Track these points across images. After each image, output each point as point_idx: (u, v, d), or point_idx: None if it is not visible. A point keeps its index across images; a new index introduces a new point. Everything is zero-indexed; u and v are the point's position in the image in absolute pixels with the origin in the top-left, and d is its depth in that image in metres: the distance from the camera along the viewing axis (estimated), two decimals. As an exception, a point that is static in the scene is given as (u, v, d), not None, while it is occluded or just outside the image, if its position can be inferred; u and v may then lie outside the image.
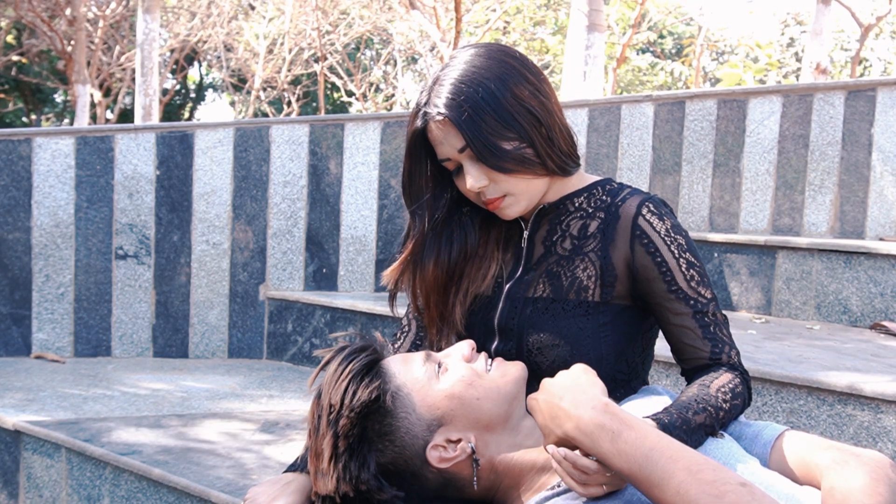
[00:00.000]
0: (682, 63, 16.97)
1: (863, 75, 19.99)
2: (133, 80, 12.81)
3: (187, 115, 22.36)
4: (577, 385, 1.16)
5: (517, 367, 1.30)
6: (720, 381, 1.33)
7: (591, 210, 1.42)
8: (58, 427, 2.45)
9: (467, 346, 1.31)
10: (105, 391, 2.88)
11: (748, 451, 1.29)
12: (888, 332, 2.99)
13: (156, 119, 9.26)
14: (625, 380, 1.43)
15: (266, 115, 18.10)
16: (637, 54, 19.53)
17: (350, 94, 17.51)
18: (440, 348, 1.46)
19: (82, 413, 2.61)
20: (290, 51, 15.76)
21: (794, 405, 2.25)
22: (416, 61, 19.94)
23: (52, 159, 3.32)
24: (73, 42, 13.32)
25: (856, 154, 3.84)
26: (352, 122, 3.64)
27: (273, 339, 3.50)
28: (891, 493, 1.14)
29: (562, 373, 1.22)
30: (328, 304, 3.35)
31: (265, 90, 17.59)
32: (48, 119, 21.36)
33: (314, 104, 19.27)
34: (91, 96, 14.49)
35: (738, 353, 1.39)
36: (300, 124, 3.59)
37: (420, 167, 1.43)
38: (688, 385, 1.37)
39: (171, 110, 21.06)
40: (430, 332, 1.49)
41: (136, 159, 3.40)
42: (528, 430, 1.29)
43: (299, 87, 17.97)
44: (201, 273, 3.48)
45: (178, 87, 20.82)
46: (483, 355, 1.32)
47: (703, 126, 3.92)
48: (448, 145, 1.36)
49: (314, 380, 1.29)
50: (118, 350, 3.43)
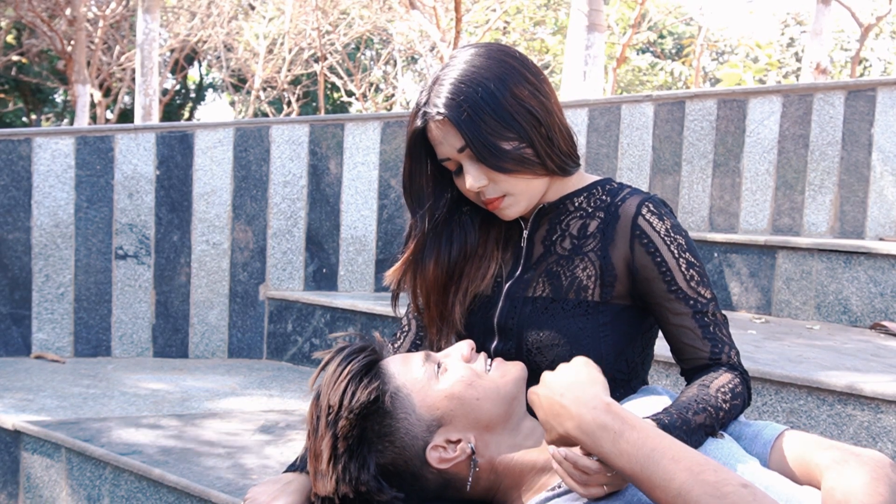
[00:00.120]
0: (682, 63, 16.97)
1: (863, 75, 19.98)
2: (133, 80, 12.81)
3: (187, 115, 22.36)
4: (579, 383, 1.15)
5: (517, 367, 1.30)
6: (720, 382, 1.33)
7: (590, 210, 1.42)
8: (58, 427, 2.45)
9: (467, 346, 1.31)
10: (105, 391, 2.88)
11: (748, 451, 1.29)
12: (888, 332, 2.99)
13: (156, 119, 9.26)
14: (624, 379, 1.43)
15: (266, 115, 18.10)
16: (637, 54, 19.52)
17: (350, 94, 17.51)
18: (440, 348, 1.46)
19: (82, 413, 2.61)
20: (290, 51, 15.76)
21: (794, 405, 2.25)
22: (416, 61, 19.95)
23: (52, 159, 3.32)
24: (73, 42, 13.32)
25: (856, 154, 3.84)
26: (352, 122, 3.64)
27: (273, 339, 3.50)
28: (891, 493, 1.14)
29: (562, 366, 1.21)
30: (328, 304, 3.35)
31: (265, 90, 17.59)
32: (48, 119, 21.36)
33: (314, 104, 19.27)
34: (91, 96, 14.49)
35: (737, 353, 1.39)
36: (300, 124, 3.59)
37: (420, 167, 1.43)
38: (687, 385, 1.37)
39: (171, 110, 21.06)
40: (429, 331, 1.49)
41: (136, 159, 3.40)
42: (528, 430, 1.28)
43: (299, 87, 17.97)
44: (201, 273, 3.48)
45: (178, 87, 20.82)
46: (482, 355, 1.31)
47: (703, 126, 3.92)
48: (447, 145, 1.36)
49: (314, 380, 1.29)
50: (118, 350, 3.43)
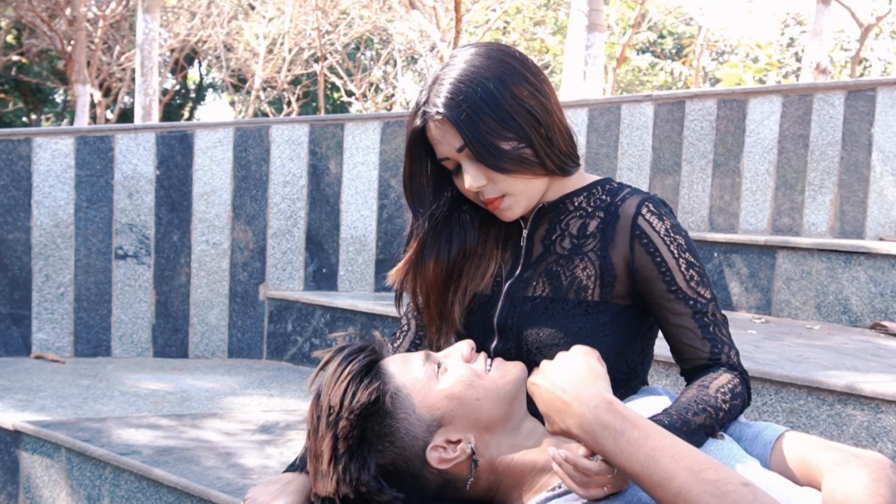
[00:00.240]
0: (682, 63, 16.97)
1: (863, 75, 19.98)
2: (133, 80, 12.81)
3: (187, 115, 22.36)
4: (580, 379, 1.15)
5: (517, 368, 1.29)
6: (719, 382, 1.33)
7: (590, 209, 1.42)
8: (58, 427, 2.45)
9: (466, 346, 1.31)
10: (105, 391, 2.88)
11: (748, 453, 1.29)
12: (888, 332, 2.99)
13: (156, 119, 9.26)
14: (624, 379, 1.43)
15: (266, 115, 18.10)
16: (637, 54, 19.52)
17: (350, 94, 17.51)
18: (440, 347, 1.46)
19: (82, 413, 2.61)
20: (290, 51, 15.76)
21: (793, 405, 2.25)
22: (415, 61, 19.94)
23: (52, 159, 3.32)
24: (73, 42, 13.32)
25: (856, 154, 3.84)
26: (352, 122, 3.64)
27: (273, 339, 3.50)
28: (891, 494, 1.14)
29: (562, 356, 1.20)
30: (328, 304, 3.35)
31: (265, 90, 17.59)
32: (48, 119, 21.36)
33: (314, 104, 19.27)
34: (91, 96, 14.49)
35: (737, 353, 1.39)
36: (300, 124, 3.59)
37: (420, 166, 1.43)
38: (687, 386, 1.37)
39: (171, 110, 21.06)
40: (429, 331, 1.49)
41: (135, 159, 3.40)
42: (528, 430, 1.28)
43: (299, 87, 17.97)
44: (201, 273, 3.48)
45: (178, 87, 20.82)
46: (482, 355, 1.31)
47: (703, 126, 3.92)
48: (447, 145, 1.36)
49: (313, 381, 1.29)
50: (118, 350, 3.43)
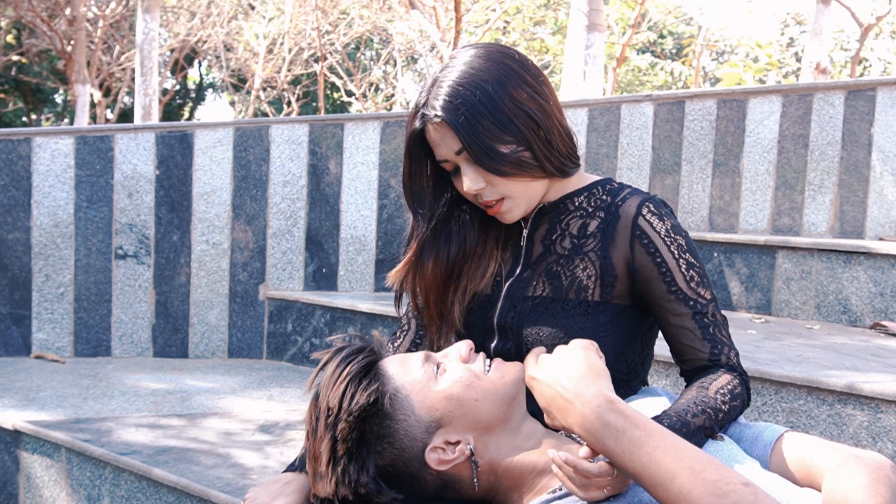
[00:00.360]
0: (682, 63, 16.96)
1: (862, 75, 19.98)
2: (133, 80, 12.80)
3: (187, 115, 22.35)
4: (581, 376, 1.14)
5: (516, 368, 1.28)
6: (719, 383, 1.33)
7: (590, 209, 1.42)
8: (58, 427, 2.45)
9: (465, 346, 1.30)
10: (105, 391, 2.88)
11: (748, 454, 1.29)
12: (888, 332, 2.99)
13: (155, 119, 9.25)
14: (624, 380, 1.43)
15: (266, 114, 18.10)
16: (637, 54, 19.51)
17: (350, 93, 17.51)
18: (440, 347, 1.46)
19: (82, 413, 2.61)
20: (290, 51, 15.76)
21: (793, 405, 2.25)
22: (415, 61, 19.94)
23: (52, 159, 3.32)
24: (72, 42, 13.32)
25: (856, 154, 3.84)
26: (351, 122, 3.64)
27: (273, 339, 3.50)
28: (892, 495, 1.13)
29: (561, 350, 1.19)
30: (328, 304, 3.35)
31: (265, 90, 17.59)
32: (48, 119, 21.36)
33: (314, 104, 19.27)
34: (91, 96, 14.49)
35: (737, 354, 1.39)
36: (300, 124, 3.59)
37: (420, 167, 1.43)
38: (687, 387, 1.37)
39: (171, 110, 21.06)
40: (429, 331, 1.49)
41: (135, 159, 3.40)
42: (528, 432, 1.28)
43: (299, 86, 17.97)
44: (201, 273, 3.48)
45: (177, 87, 20.82)
46: (481, 356, 1.31)
47: (703, 126, 3.92)
48: (445, 147, 1.36)
49: (313, 381, 1.29)
50: (118, 350, 3.43)
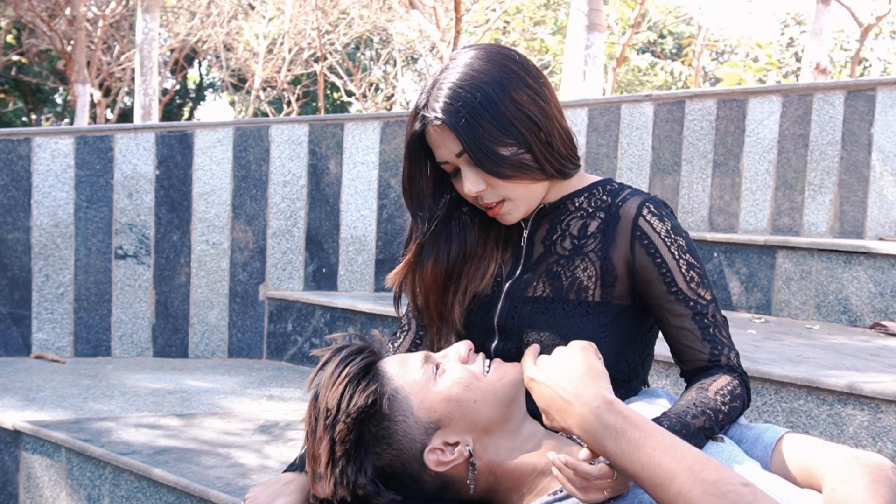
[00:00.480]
0: (682, 63, 16.96)
1: (862, 75, 19.98)
2: (133, 79, 12.81)
3: (187, 114, 22.35)
4: (581, 377, 1.14)
5: (515, 370, 1.28)
6: (719, 384, 1.33)
7: (591, 210, 1.42)
8: (58, 427, 2.45)
9: (465, 347, 1.30)
10: (105, 391, 2.88)
11: (749, 455, 1.29)
12: (888, 332, 2.99)
13: (155, 119, 9.25)
14: (625, 380, 1.43)
15: (266, 114, 18.10)
16: (637, 54, 19.51)
17: (350, 93, 17.51)
18: (440, 347, 1.46)
19: (82, 413, 2.61)
20: (290, 51, 15.76)
21: (793, 405, 2.25)
22: (415, 61, 19.94)
23: (52, 159, 3.32)
24: (72, 42, 13.32)
25: (856, 154, 3.84)
26: (351, 122, 3.64)
27: (273, 338, 3.50)
28: (892, 496, 1.13)
29: (560, 352, 1.19)
30: (328, 304, 3.35)
31: (265, 90, 17.59)
32: (48, 119, 21.36)
33: (314, 104, 19.27)
34: (91, 96, 14.49)
35: (737, 354, 1.39)
36: (300, 124, 3.59)
37: (419, 169, 1.43)
38: (686, 388, 1.37)
39: (171, 110, 21.06)
40: (429, 331, 1.49)
41: (135, 159, 3.40)
42: (528, 433, 1.28)
43: (299, 86, 17.97)
44: (201, 273, 3.48)
45: (177, 87, 20.81)
46: (481, 356, 1.31)
47: (703, 126, 3.92)
48: (445, 149, 1.36)
49: (312, 381, 1.29)
50: (118, 350, 3.43)
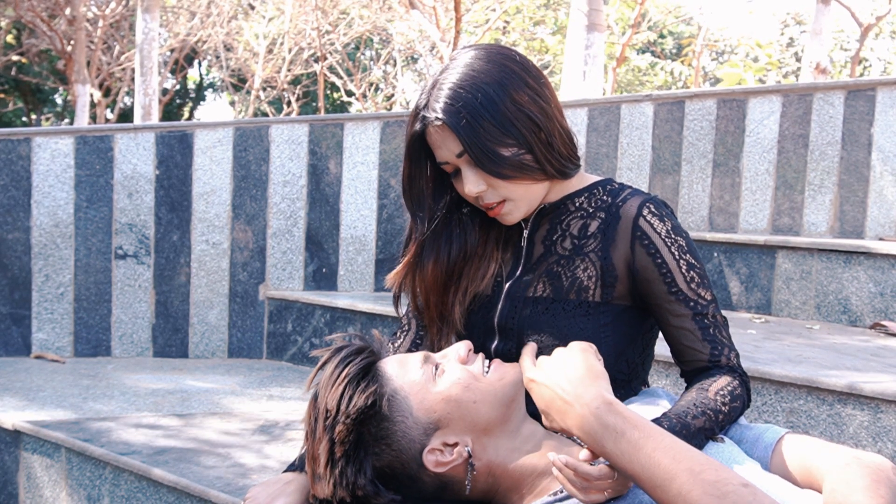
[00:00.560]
0: (682, 63, 16.96)
1: (862, 75, 19.99)
2: (133, 79, 12.81)
3: (187, 114, 22.35)
4: (581, 378, 1.14)
5: (515, 370, 1.28)
6: (719, 385, 1.33)
7: (591, 210, 1.42)
8: (58, 427, 2.45)
9: (464, 347, 1.30)
10: (105, 391, 2.88)
11: (749, 455, 1.28)
12: (888, 332, 2.99)
13: (155, 119, 9.25)
14: (625, 380, 1.43)
15: (266, 114, 18.10)
16: (637, 54, 19.51)
17: (350, 93, 17.51)
18: (440, 348, 1.46)
19: (82, 413, 2.61)
20: (290, 51, 15.76)
21: (793, 405, 2.25)
22: (415, 61, 19.94)
23: (52, 159, 3.32)
24: (72, 42, 13.32)
25: (855, 154, 3.84)
26: (351, 122, 3.64)
27: (273, 338, 3.50)
28: (892, 496, 1.13)
29: (560, 353, 1.19)
30: (328, 304, 3.35)
31: (265, 90, 17.58)
32: (48, 119, 21.35)
33: (314, 104, 19.27)
34: (91, 96, 14.49)
35: (737, 355, 1.39)
36: (300, 124, 3.59)
37: (420, 170, 1.43)
38: (686, 389, 1.37)
39: (171, 110, 21.05)
40: (429, 331, 1.49)
41: (135, 159, 3.40)
42: (528, 433, 1.27)
43: (299, 86, 17.97)
44: (201, 273, 3.48)
45: (177, 87, 20.81)
46: (480, 356, 1.30)
47: (703, 126, 3.92)
48: (446, 149, 1.36)
49: (311, 381, 1.29)
50: (118, 350, 3.43)
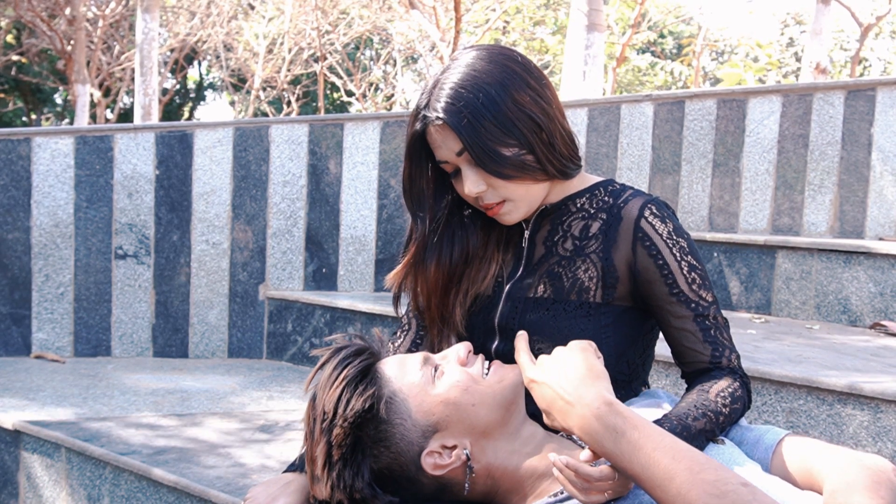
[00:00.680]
0: (682, 63, 16.96)
1: (862, 75, 19.99)
2: (133, 79, 12.80)
3: (187, 114, 22.35)
4: (581, 378, 1.14)
5: (515, 372, 1.27)
6: (720, 386, 1.33)
7: (592, 211, 1.42)
8: (58, 427, 2.45)
9: (464, 348, 1.30)
10: (105, 391, 2.88)
11: (749, 457, 1.28)
12: (888, 332, 2.99)
13: (155, 119, 9.25)
14: (625, 381, 1.42)
15: (266, 114, 18.10)
16: (637, 54, 19.51)
17: (350, 93, 17.51)
18: (440, 348, 1.45)
19: (82, 413, 2.61)
20: (290, 50, 15.76)
21: (793, 405, 2.25)
22: (415, 61, 19.94)
23: (52, 159, 3.32)
24: (72, 42, 13.32)
25: (855, 154, 3.84)
26: (351, 122, 3.64)
27: (273, 338, 3.50)
28: (893, 498, 1.13)
29: (560, 352, 1.19)
30: (328, 304, 3.35)
31: (265, 90, 17.58)
32: (48, 119, 21.35)
33: (314, 104, 19.27)
34: (91, 96, 14.49)
35: (738, 356, 1.39)
36: (299, 124, 3.59)
37: (420, 170, 1.43)
38: (687, 390, 1.37)
39: (171, 110, 21.05)
40: (430, 332, 1.49)
41: (135, 159, 3.40)
42: (528, 435, 1.27)
43: (299, 86, 17.97)
44: (201, 273, 3.48)
45: (177, 86, 20.81)
46: (480, 358, 1.30)
47: (703, 126, 3.92)
48: (446, 149, 1.35)
49: (310, 382, 1.29)
50: (118, 350, 3.43)
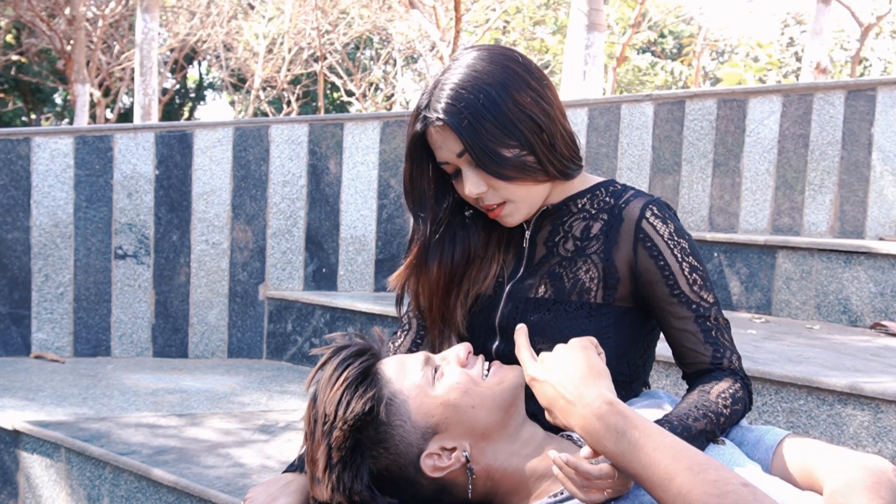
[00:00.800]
0: (682, 63, 16.96)
1: (863, 75, 19.99)
2: (133, 79, 12.81)
3: (187, 114, 22.35)
4: (583, 377, 1.14)
5: (515, 373, 1.27)
6: (720, 387, 1.33)
7: (593, 211, 1.42)
8: (58, 427, 2.45)
9: (463, 349, 1.29)
10: (105, 391, 2.88)
11: (750, 458, 1.28)
12: (888, 332, 2.99)
13: (155, 119, 9.25)
14: (626, 381, 1.42)
15: (266, 114, 18.10)
16: (637, 54, 19.51)
17: (350, 93, 17.51)
18: (441, 348, 1.45)
19: (82, 413, 2.61)
20: (290, 50, 15.76)
21: (793, 405, 2.25)
22: (415, 61, 19.94)
23: (51, 159, 3.32)
24: (72, 41, 13.32)
25: (856, 154, 3.84)
26: (351, 122, 3.64)
27: (273, 338, 3.50)
28: (893, 498, 1.13)
29: (561, 350, 1.19)
30: (328, 304, 3.35)
31: (265, 90, 17.58)
32: (47, 119, 21.35)
33: (314, 104, 19.26)
34: (91, 96, 14.48)
35: (739, 357, 1.39)
36: (299, 124, 3.59)
37: (421, 170, 1.42)
38: (688, 391, 1.36)
39: (171, 110, 21.05)
40: (431, 332, 1.49)
41: (135, 159, 3.40)
42: (527, 436, 1.27)
43: (299, 86, 17.97)
44: (201, 273, 3.47)
45: (177, 86, 20.81)
46: (480, 359, 1.30)
47: (703, 126, 3.92)
48: (447, 150, 1.35)
49: (310, 382, 1.29)
50: (118, 350, 3.42)
